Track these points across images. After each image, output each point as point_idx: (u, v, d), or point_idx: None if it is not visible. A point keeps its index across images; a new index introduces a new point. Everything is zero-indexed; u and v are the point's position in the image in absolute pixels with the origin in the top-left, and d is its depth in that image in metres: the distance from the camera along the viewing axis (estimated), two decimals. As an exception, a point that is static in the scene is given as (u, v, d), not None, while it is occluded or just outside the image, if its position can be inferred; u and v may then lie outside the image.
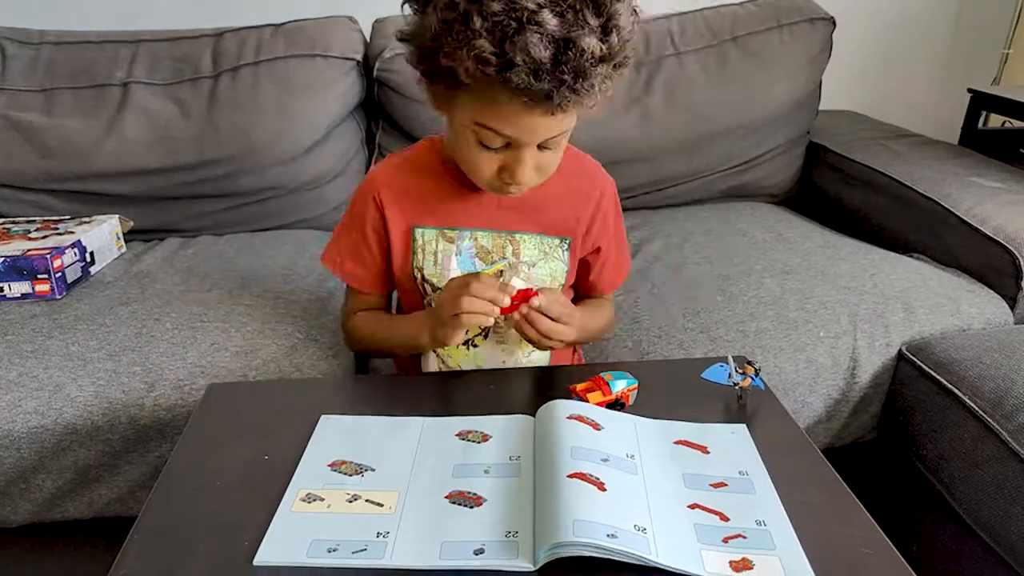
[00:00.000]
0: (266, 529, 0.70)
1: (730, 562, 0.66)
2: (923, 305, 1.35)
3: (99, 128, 1.57)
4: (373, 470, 0.79)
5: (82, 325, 1.26)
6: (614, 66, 0.81)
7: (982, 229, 1.44)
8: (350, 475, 0.78)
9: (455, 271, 1.00)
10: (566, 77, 0.77)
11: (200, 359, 1.21)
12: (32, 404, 1.14)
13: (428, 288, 1.02)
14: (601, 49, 0.77)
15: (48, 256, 1.33)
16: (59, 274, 1.34)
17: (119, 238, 1.56)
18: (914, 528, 1.26)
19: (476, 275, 0.91)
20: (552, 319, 0.92)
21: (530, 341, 0.95)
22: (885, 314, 1.33)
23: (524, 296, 0.91)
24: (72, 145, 1.56)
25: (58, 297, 1.34)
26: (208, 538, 0.70)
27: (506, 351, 1.03)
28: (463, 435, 0.84)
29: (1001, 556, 1.08)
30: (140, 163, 1.58)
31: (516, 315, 0.92)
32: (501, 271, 0.94)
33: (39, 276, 1.33)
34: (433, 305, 1.01)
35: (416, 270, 1.02)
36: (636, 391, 0.90)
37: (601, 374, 0.91)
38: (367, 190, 1.01)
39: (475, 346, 1.03)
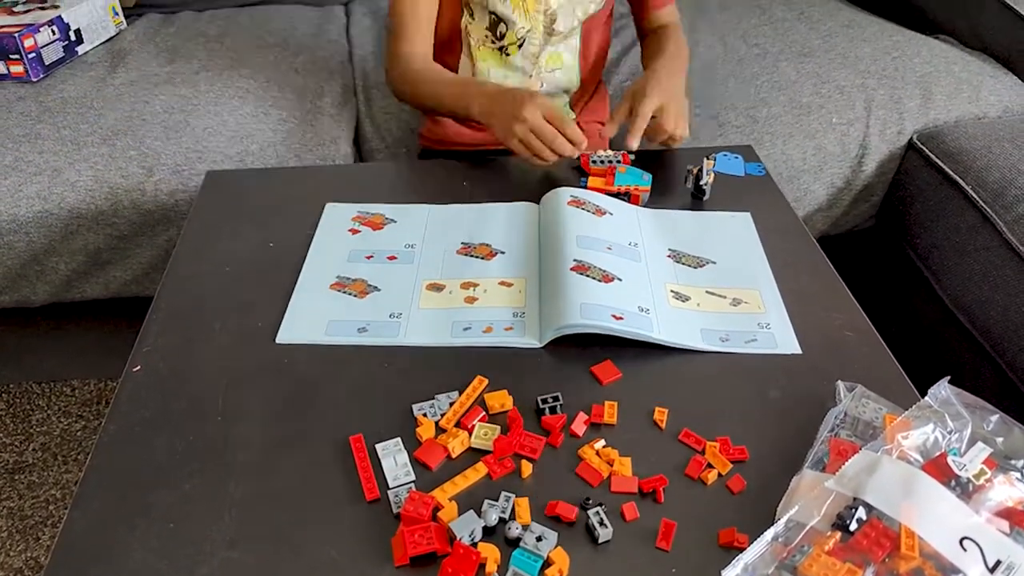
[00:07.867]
0: (281, 311, 0.74)
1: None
2: (942, 91, 1.30)
3: None
4: (383, 256, 0.81)
5: (71, 109, 1.22)
6: None
7: (1015, 7, 1.35)
8: (361, 262, 0.80)
9: None
10: None
11: (196, 144, 1.19)
12: (33, 189, 1.14)
13: (472, 10, 1.00)
14: None
15: (18, 35, 1.24)
16: (32, 54, 1.26)
17: (117, 13, 1.44)
18: (898, 312, 1.32)
19: (546, 108, 0.86)
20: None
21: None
22: (902, 100, 1.28)
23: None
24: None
25: (34, 80, 1.27)
26: (224, 318, 0.73)
27: (535, 65, 1.03)
28: (469, 222, 0.85)
29: (976, 338, 1.15)
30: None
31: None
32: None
33: (11, 57, 1.25)
34: (474, 47, 1.01)
35: None
36: (648, 193, 0.87)
37: (618, 164, 0.89)
38: None
39: (508, 54, 1.02)
